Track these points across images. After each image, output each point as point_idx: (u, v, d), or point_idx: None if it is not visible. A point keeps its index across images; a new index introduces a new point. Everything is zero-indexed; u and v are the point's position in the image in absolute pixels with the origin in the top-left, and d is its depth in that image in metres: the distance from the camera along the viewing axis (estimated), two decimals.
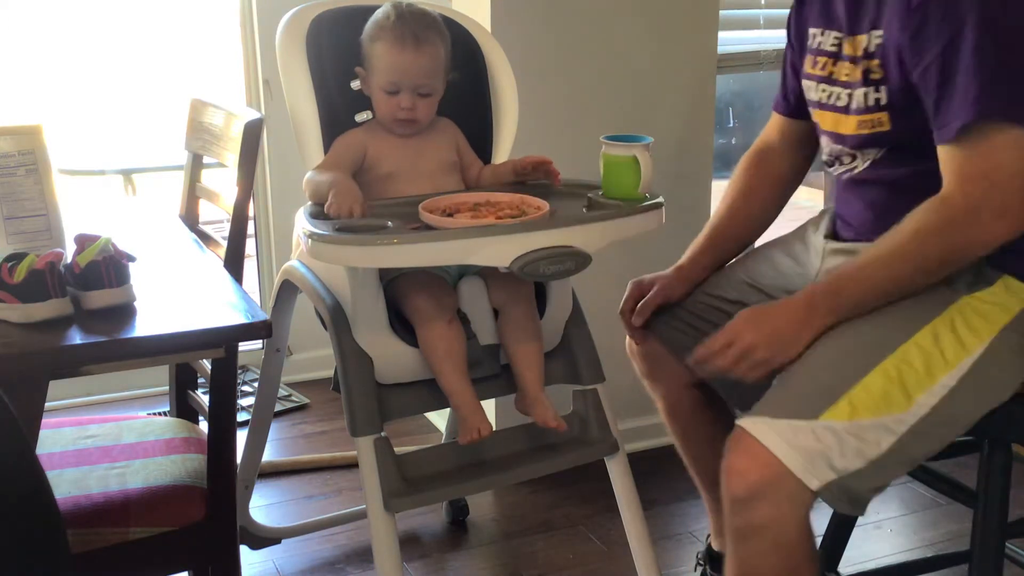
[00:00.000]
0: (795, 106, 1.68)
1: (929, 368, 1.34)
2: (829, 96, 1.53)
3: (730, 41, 2.67)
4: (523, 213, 1.49)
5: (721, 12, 2.49)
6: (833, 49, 1.52)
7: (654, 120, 2.42)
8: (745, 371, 1.40)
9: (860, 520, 1.82)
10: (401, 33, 1.58)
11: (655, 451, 2.50)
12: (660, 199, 1.55)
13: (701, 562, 1.93)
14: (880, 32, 1.42)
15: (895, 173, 1.48)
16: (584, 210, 1.56)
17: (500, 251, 1.40)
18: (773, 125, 1.75)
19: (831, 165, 1.59)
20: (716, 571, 1.87)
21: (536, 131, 2.07)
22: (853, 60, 1.48)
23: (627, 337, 1.79)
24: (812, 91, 1.57)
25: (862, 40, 1.45)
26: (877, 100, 1.45)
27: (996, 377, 1.37)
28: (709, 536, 1.90)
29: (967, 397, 1.35)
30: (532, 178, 1.67)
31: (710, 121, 2.54)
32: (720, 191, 1.83)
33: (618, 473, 1.68)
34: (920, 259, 1.36)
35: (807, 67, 1.58)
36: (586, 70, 2.36)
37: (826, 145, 1.58)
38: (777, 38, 2.79)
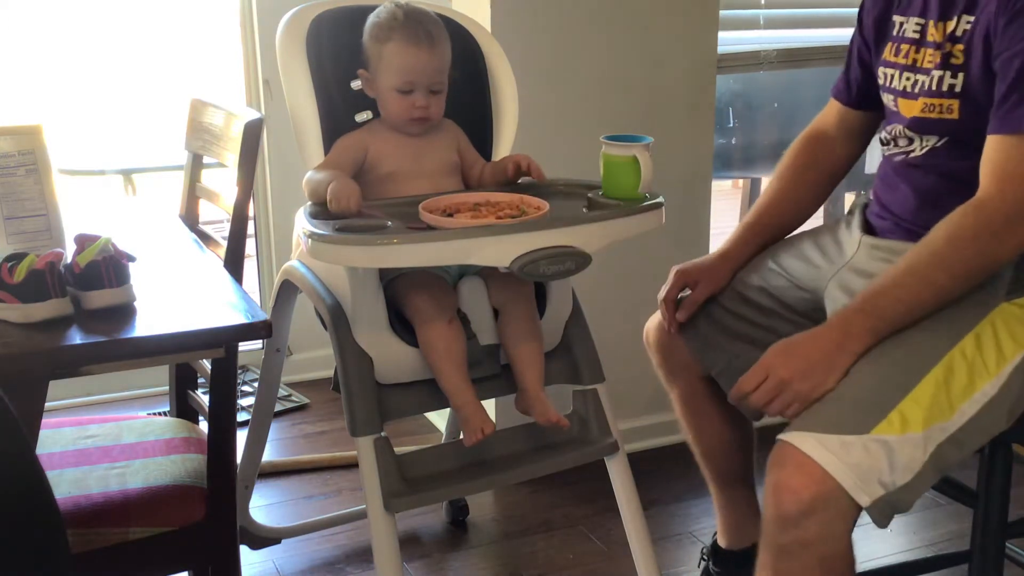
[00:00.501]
0: (856, 96, 1.67)
1: (972, 376, 1.33)
2: (914, 85, 1.49)
3: (730, 41, 2.67)
4: (523, 213, 1.49)
5: (721, 12, 2.49)
6: (915, 36, 1.49)
7: (654, 120, 2.42)
8: (781, 407, 1.36)
9: (860, 520, 1.81)
10: (415, 32, 1.58)
11: (655, 451, 2.51)
12: (660, 199, 1.55)
13: (705, 557, 1.92)
14: (971, 17, 1.39)
15: (951, 164, 1.45)
16: (584, 210, 1.56)
17: (500, 251, 1.40)
18: (830, 112, 1.73)
19: (886, 144, 1.57)
20: (719, 567, 1.87)
21: (536, 131, 2.07)
22: (937, 46, 1.45)
23: (646, 327, 1.79)
24: (895, 79, 1.53)
25: (950, 24, 1.43)
26: (952, 86, 1.42)
27: None
28: (716, 533, 1.90)
29: (1004, 405, 1.35)
30: (523, 177, 1.67)
31: (710, 121, 2.54)
32: (720, 191, 1.83)
33: (618, 473, 1.68)
34: (957, 266, 1.34)
35: (888, 55, 1.55)
36: (586, 70, 2.36)
37: (890, 127, 1.56)
38: (777, 38, 2.80)
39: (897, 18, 1.55)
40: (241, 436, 1.89)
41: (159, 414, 2.06)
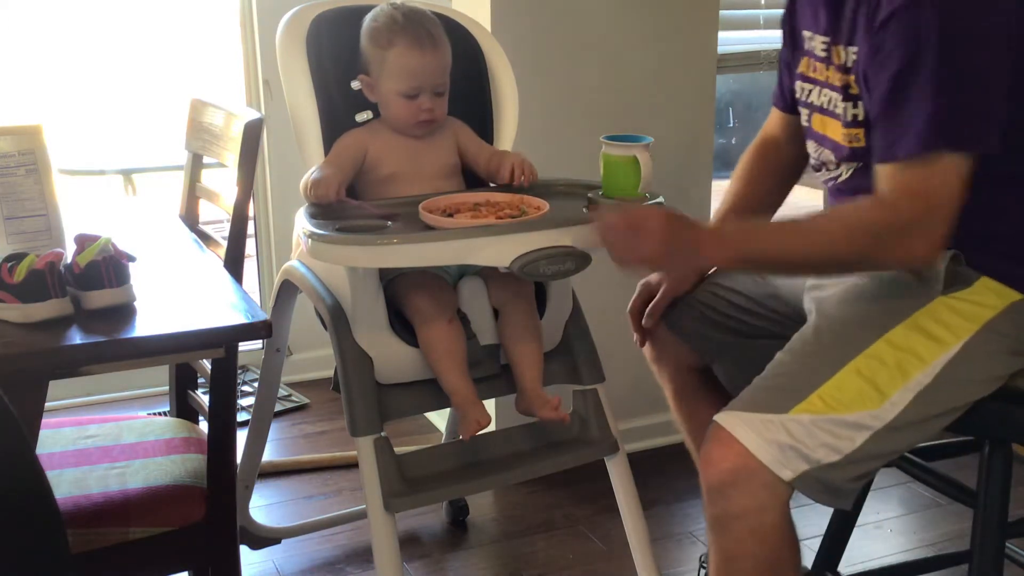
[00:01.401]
0: (791, 102, 1.68)
1: (902, 366, 1.35)
2: (829, 101, 1.51)
3: (730, 41, 2.67)
4: (523, 213, 1.49)
5: (721, 12, 2.49)
6: (823, 54, 1.51)
7: (654, 120, 2.42)
8: (620, 251, 1.36)
9: (860, 520, 1.82)
10: (417, 35, 1.57)
11: (655, 451, 2.51)
12: (660, 199, 1.55)
13: (704, 564, 1.92)
14: (855, 48, 1.42)
15: (870, 184, 1.47)
16: (584, 210, 1.56)
17: (500, 251, 1.40)
18: (774, 119, 1.75)
19: (818, 170, 1.59)
20: None
21: (536, 131, 2.07)
22: (839, 69, 1.47)
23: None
24: (814, 95, 1.55)
25: (843, 53, 1.45)
26: (855, 116, 1.45)
27: (972, 376, 1.37)
28: None
29: (942, 395, 1.36)
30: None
31: (710, 121, 2.54)
32: (720, 191, 1.84)
33: (618, 473, 1.68)
34: (841, 246, 1.35)
35: (803, 68, 1.57)
36: (586, 70, 2.36)
37: (813, 151, 1.57)
38: (777, 38, 2.80)
39: (805, 32, 1.56)
40: (241, 436, 1.89)
41: (159, 414, 2.06)
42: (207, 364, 1.62)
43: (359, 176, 1.63)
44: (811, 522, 1.93)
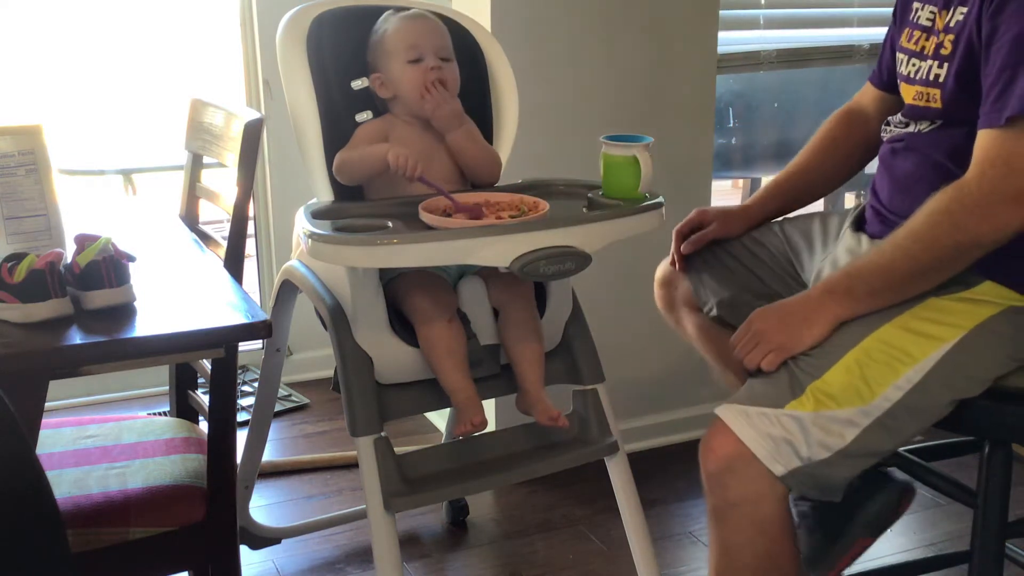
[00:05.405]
0: (887, 80, 1.68)
1: (892, 363, 1.36)
2: (916, 71, 1.51)
3: (730, 41, 2.67)
4: (523, 213, 1.49)
5: (721, 12, 2.49)
6: (928, 24, 1.51)
7: (654, 120, 2.42)
8: (758, 358, 1.42)
9: None
10: (409, 11, 1.65)
11: (655, 451, 2.51)
12: (660, 199, 1.55)
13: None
14: (965, 8, 1.40)
15: (928, 149, 1.48)
16: (584, 210, 1.56)
17: (500, 251, 1.40)
18: (867, 93, 1.76)
19: (884, 127, 1.60)
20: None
21: (536, 131, 2.07)
22: (938, 32, 1.47)
23: (659, 266, 1.85)
24: (903, 65, 1.55)
25: (947, 14, 1.45)
26: (937, 76, 1.44)
27: (963, 374, 1.38)
28: None
29: (932, 392, 1.37)
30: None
31: (710, 121, 2.54)
32: (720, 191, 1.85)
33: (618, 473, 1.68)
34: (931, 242, 1.35)
35: (903, 40, 1.56)
36: (586, 70, 2.36)
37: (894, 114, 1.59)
38: (777, 38, 2.80)
39: (915, 4, 1.56)
40: (241, 436, 1.89)
41: (159, 414, 2.06)
42: (207, 364, 1.62)
43: None
44: None
